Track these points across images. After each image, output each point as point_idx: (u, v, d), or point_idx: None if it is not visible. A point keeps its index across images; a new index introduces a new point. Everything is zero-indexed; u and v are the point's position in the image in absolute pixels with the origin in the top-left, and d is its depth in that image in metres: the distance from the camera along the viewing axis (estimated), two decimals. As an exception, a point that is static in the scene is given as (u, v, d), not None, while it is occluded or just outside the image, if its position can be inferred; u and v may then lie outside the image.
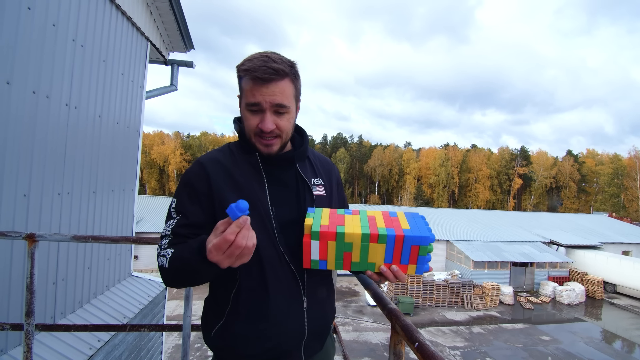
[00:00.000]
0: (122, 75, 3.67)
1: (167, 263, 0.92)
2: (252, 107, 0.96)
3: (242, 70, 0.95)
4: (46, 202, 2.58)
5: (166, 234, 0.98)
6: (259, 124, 0.97)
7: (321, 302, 1.11)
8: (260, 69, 0.92)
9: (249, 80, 0.94)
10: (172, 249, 0.93)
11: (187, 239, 0.95)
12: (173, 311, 14.70)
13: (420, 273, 1.01)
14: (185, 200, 0.99)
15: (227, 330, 1.01)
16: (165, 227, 0.99)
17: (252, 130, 0.99)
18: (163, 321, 4.56)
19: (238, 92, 1.05)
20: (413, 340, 0.83)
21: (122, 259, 4.02)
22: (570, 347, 14.12)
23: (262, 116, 0.97)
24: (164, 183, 60.25)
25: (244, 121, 1.01)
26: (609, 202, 54.87)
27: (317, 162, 1.19)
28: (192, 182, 1.00)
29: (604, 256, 21.43)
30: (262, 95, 0.94)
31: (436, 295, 18.17)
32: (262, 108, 0.95)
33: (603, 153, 63.34)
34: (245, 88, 0.96)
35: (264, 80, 0.93)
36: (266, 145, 1.00)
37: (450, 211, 31.76)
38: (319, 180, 1.13)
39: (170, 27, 4.53)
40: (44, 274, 2.60)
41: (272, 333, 0.99)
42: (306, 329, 1.04)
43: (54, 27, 2.53)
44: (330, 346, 1.23)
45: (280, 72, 0.94)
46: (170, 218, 1.00)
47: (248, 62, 0.95)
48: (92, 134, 3.17)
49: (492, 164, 62.58)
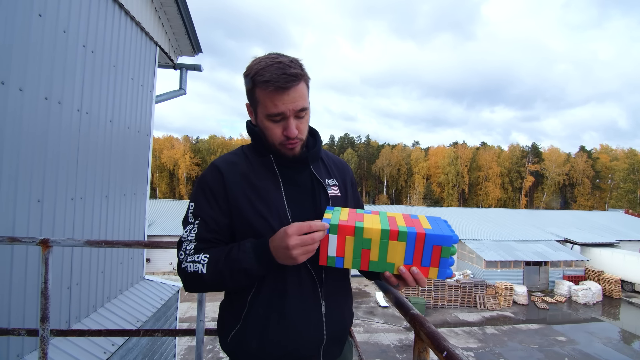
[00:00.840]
0: (132, 80, 3.69)
1: (206, 268, 0.91)
2: (275, 116, 0.95)
3: (261, 82, 0.93)
4: (59, 208, 2.59)
5: (189, 240, 0.97)
6: (284, 132, 0.97)
7: (339, 306, 1.09)
8: (281, 79, 0.91)
9: (270, 92, 0.92)
10: (206, 253, 0.93)
11: (215, 243, 0.97)
12: (185, 313, 14.82)
13: (442, 278, 0.96)
14: (204, 204, 0.99)
15: (244, 334, 0.99)
16: (186, 232, 0.98)
17: (277, 139, 0.99)
18: (176, 324, 4.57)
19: (247, 100, 1.03)
20: (441, 349, 0.78)
21: (134, 262, 4.04)
22: (587, 348, 13.76)
23: (285, 123, 0.96)
24: (174, 186, 61.04)
25: (265, 131, 1.00)
26: (624, 198, 53.48)
27: (330, 162, 1.18)
28: (209, 186, 1.00)
29: (621, 254, 20.86)
30: (284, 104, 0.93)
31: (448, 296, 17.93)
32: (286, 115, 0.95)
33: (617, 148, 61.88)
34: (264, 99, 0.94)
35: (286, 89, 0.92)
36: (291, 149, 1.01)
37: (461, 210, 31.36)
38: (333, 180, 1.12)
39: (178, 32, 4.56)
40: (59, 279, 2.62)
41: (290, 338, 0.97)
42: (325, 334, 1.02)
43: (65, 33, 2.55)
44: (348, 351, 1.20)
45: (298, 77, 0.94)
46: (188, 223, 0.99)
47: (264, 71, 0.92)
48: (104, 139, 3.19)
49: (502, 161, 61.63)
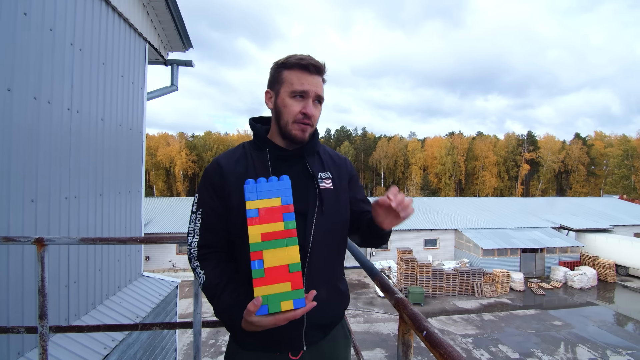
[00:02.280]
0: (122, 77, 3.67)
1: (202, 286, 1.04)
2: (300, 94, 1.07)
3: (293, 62, 1.07)
4: (54, 207, 2.61)
5: (194, 232, 1.09)
6: (302, 110, 1.08)
7: (324, 293, 1.11)
8: (312, 60, 1.07)
9: (299, 70, 1.07)
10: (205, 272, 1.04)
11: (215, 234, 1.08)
12: (186, 309, 14.92)
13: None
14: (206, 196, 1.09)
15: None
16: (192, 223, 1.10)
17: (294, 116, 1.08)
18: (175, 319, 4.62)
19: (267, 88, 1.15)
20: (421, 329, 0.82)
21: (132, 259, 4.07)
22: (582, 331, 14.05)
23: (305, 102, 1.08)
24: (171, 184, 60.79)
25: (284, 109, 1.09)
26: (619, 184, 53.97)
27: (326, 157, 1.22)
28: (210, 179, 1.09)
29: (615, 239, 21.16)
30: (309, 84, 1.07)
31: (446, 285, 18.16)
32: (308, 95, 1.08)
33: (612, 135, 62.21)
34: (290, 77, 1.07)
35: (314, 70, 1.07)
36: (303, 131, 1.09)
37: (458, 200, 31.56)
38: (327, 174, 1.16)
39: (167, 27, 4.52)
40: (56, 277, 2.64)
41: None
42: (305, 319, 1.06)
43: (51, 31, 2.54)
44: (341, 338, 1.22)
45: (323, 69, 1.10)
46: (193, 213, 1.11)
47: (296, 56, 1.09)
48: (95, 137, 3.19)
49: (498, 150, 61.86)
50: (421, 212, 25.40)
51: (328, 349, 1.16)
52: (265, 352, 1.09)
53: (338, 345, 1.20)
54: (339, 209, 1.15)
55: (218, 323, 2.15)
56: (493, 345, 12.92)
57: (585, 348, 12.73)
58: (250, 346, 1.09)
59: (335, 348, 1.19)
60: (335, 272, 1.18)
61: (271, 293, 0.87)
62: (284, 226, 0.91)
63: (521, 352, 12.42)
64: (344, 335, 1.24)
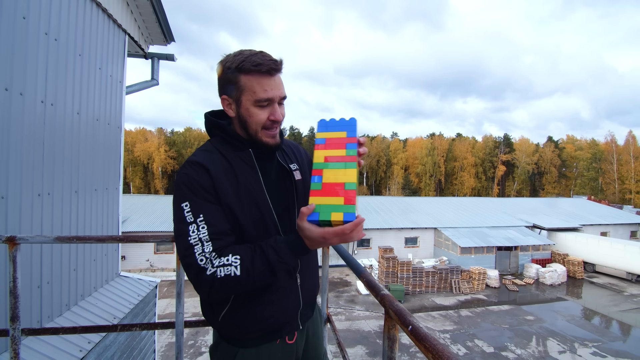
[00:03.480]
0: (99, 70, 3.54)
1: (239, 269, 0.89)
2: (264, 102, 1.00)
3: (251, 66, 0.96)
4: (26, 204, 2.49)
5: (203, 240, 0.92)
6: (270, 117, 1.02)
7: (310, 275, 1.22)
8: (272, 63, 0.97)
9: (260, 75, 0.97)
10: (235, 254, 0.91)
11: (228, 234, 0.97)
12: (164, 309, 14.57)
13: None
14: (199, 201, 0.96)
15: (233, 313, 1.08)
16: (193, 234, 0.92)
17: (262, 124, 1.03)
18: (155, 320, 4.51)
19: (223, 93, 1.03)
20: (407, 324, 0.84)
21: (108, 259, 3.93)
22: (553, 326, 14.74)
23: (271, 109, 1.02)
24: (148, 181, 59.00)
25: (249, 118, 1.02)
26: (587, 185, 56.89)
27: (287, 148, 1.23)
28: (198, 182, 0.97)
29: (583, 237, 22.31)
30: (272, 89, 0.99)
31: (425, 282, 18.58)
32: (273, 101, 1.01)
33: (582, 139, 65.35)
34: (252, 84, 0.98)
35: (273, 73, 0.99)
36: (273, 137, 1.06)
37: (438, 199, 32.33)
38: (295, 165, 1.18)
39: (148, 19, 4.39)
40: (28, 278, 2.53)
41: (274, 310, 1.10)
42: (301, 301, 1.17)
43: (24, 20, 2.41)
44: (317, 313, 1.36)
45: (281, 64, 1.00)
46: (188, 224, 0.93)
47: (252, 58, 0.97)
48: (71, 132, 3.06)
49: (476, 152, 63.77)
50: (402, 212, 25.85)
51: (312, 326, 1.28)
52: (267, 341, 1.12)
53: (316, 322, 1.33)
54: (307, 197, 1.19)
55: (201, 323, 2.13)
56: (469, 340, 13.35)
57: (555, 341, 13.37)
58: (251, 342, 1.10)
59: (315, 325, 1.31)
60: (316, 255, 1.29)
61: (324, 203, 0.93)
62: (346, 152, 0.99)
63: (496, 346, 12.90)
64: (318, 310, 1.38)
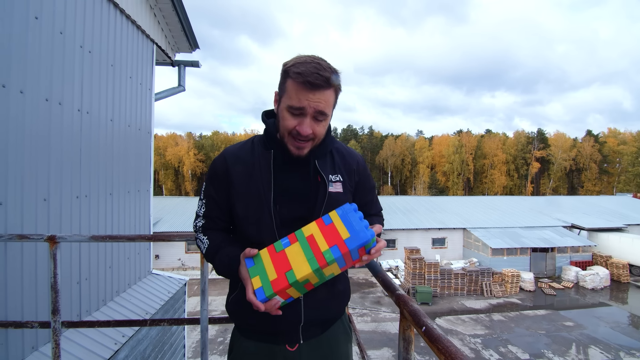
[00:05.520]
0: (130, 78, 3.74)
1: (205, 250, 1.11)
2: (295, 110, 0.99)
3: (293, 72, 0.96)
4: (65, 205, 2.67)
5: (199, 215, 1.17)
6: (297, 127, 1.00)
7: (323, 293, 1.12)
8: (313, 76, 0.94)
9: (298, 84, 0.96)
10: (209, 237, 1.13)
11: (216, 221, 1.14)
12: (195, 307, 15.09)
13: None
14: (210, 187, 1.13)
15: (237, 299, 1.15)
16: (198, 208, 1.18)
17: (288, 130, 1.02)
18: (184, 316, 4.69)
19: (277, 88, 1.07)
20: (420, 324, 0.83)
21: (141, 257, 4.14)
22: (595, 333, 13.79)
23: (301, 120, 1.00)
24: (179, 183, 61.48)
25: (281, 120, 1.03)
26: (633, 182, 52.69)
27: (338, 157, 1.17)
28: (215, 171, 1.13)
29: (629, 238, 20.68)
30: (307, 100, 0.96)
31: (454, 284, 18.00)
32: (305, 113, 0.99)
33: (626, 132, 60.68)
34: (290, 90, 0.98)
35: (314, 86, 0.95)
36: (298, 148, 1.04)
37: (466, 199, 31.21)
38: (337, 176, 1.12)
39: (174, 28, 4.58)
40: (68, 274, 2.71)
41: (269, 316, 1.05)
42: (302, 316, 1.10)
43: (62, 34, 2.60)
44: (341, 333, 1.23)
45: (329, 82, 0.96)
46: (200, 200, 1.18)
47: (300, 65, 0.96)
48: (105, 138, 3.26)
49: (507, 148, 60.95)
50: (429, 212, 25.20)
51: (327, 344, 1.17)
52: (263, 342, 1.13)
53: (338, 341, 1.20)
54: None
55: (225, 319, 2.19)
56: (502, 346, 12.77)
57: (598, 349, 12.49)
58: (247, 333, 1.16)
59: (334, 343, 1.19)
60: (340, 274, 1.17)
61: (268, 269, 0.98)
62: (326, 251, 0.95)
63: (531, 352, 12.25)
64: (344, 330, 1.25)
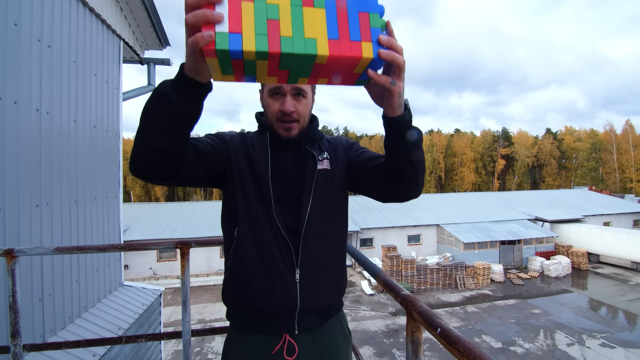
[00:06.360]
0: (95, 76, 3.48)
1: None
2: (274, 92, 1.05)
3: None
4: (24, 215, 2.42)
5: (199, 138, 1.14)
6: (281, 107, 1.05)
7: (319, 277, 1.10)
8: None
9: None
10: None
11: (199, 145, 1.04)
12: (169, 317, 14.48)
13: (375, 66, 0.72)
14: (215, 137, 1.14)
15: (228, 281, 1.13)
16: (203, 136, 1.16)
17: (275, 115, 1.07)
18: (160, 329, 4.44)
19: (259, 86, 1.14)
20: (434, 326, 0.78)
21: (111, 269, 3.87)
22: (559, 318, 14.67)
23: (283, 100, 1.05)
24: (149, 189, 58.88)
25: (266, 109, 1.10)
26: (588, 176, 56.82)
27: (326, 142, 1.23)
28: (229, 134, 1.17)
29: (586, 228, 22.25)
30: None
31: (430, 279, 18.50)
32: (284, 92, 1.04)
33: (581, 129, 65.34)
34: None
35: None
36: (286, 129, 1.08)
37: (439, 196, 32.26)
38: (324, 154, 1.17)
39: (142, 24, 4.33)
40: (29, 291, 2.46)
41: (261, 294, 1.06)
42: (298, 301, 1.06)
43: (16, 26, 2.36)
44: (341, 337, 1.19)
45: None
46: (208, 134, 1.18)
47: None
48: (68, 140, 3.00)
49: (475, 146, 63.74)
50: (404, 210, 25.77)
51: (327, 349, 1.14)
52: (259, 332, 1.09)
53: (338, 345, 1.18)
54: (333, 191, 1.14)
55: (208, 331, 2.06)
56: (477, 336, 13.26)
57: (563, 334, 13.29)
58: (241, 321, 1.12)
59: (335, 347, 1.16)
60: (330, 256, 1.13)
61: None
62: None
63: (504, 341, 12.82)
64: (344, 335, 1.22)
